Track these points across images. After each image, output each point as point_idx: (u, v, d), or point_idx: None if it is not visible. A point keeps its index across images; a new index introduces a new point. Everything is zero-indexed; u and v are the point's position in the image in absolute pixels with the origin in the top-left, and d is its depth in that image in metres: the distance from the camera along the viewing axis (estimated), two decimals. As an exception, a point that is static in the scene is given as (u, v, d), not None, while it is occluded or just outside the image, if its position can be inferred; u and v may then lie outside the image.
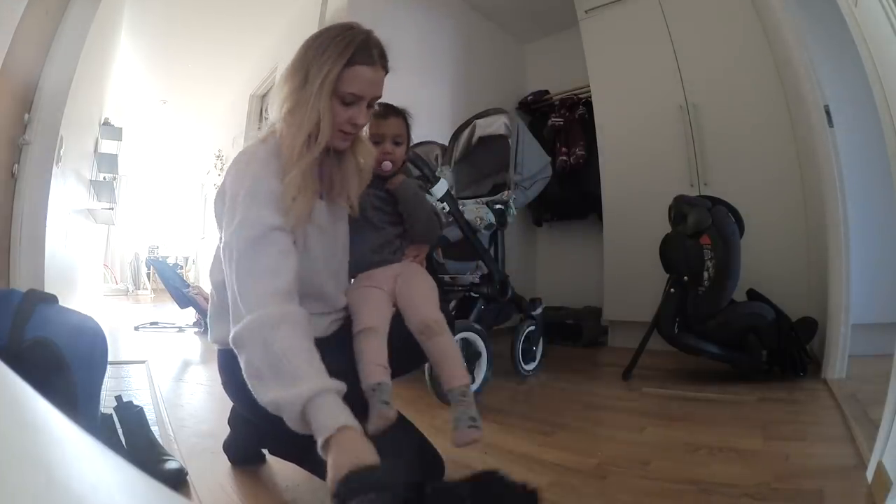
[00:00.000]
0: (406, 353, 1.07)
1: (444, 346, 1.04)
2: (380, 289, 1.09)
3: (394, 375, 1.15)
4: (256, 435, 1.11)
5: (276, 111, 1.00)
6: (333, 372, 0.80)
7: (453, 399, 1.01)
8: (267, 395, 0.77)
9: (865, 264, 1.90)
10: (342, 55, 0.93)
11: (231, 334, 0.82)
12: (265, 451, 1.18)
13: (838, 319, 1.82)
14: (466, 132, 2.31)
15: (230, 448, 1.19)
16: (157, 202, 7.57)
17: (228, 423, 1.21)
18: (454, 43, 3.26)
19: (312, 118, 0.93)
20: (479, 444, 1.04)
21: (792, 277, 2.20)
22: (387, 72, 0.99)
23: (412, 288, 1.10)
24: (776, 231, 2.26)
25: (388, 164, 1.15)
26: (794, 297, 2.08)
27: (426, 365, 1.45)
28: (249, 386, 0.80)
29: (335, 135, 0.97)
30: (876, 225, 2.00)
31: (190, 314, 3.59)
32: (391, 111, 1.18)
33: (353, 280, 1.15)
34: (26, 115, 2.06)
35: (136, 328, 3.52)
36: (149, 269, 6.79)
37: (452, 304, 2.00)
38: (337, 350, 0.97)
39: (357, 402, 0.86)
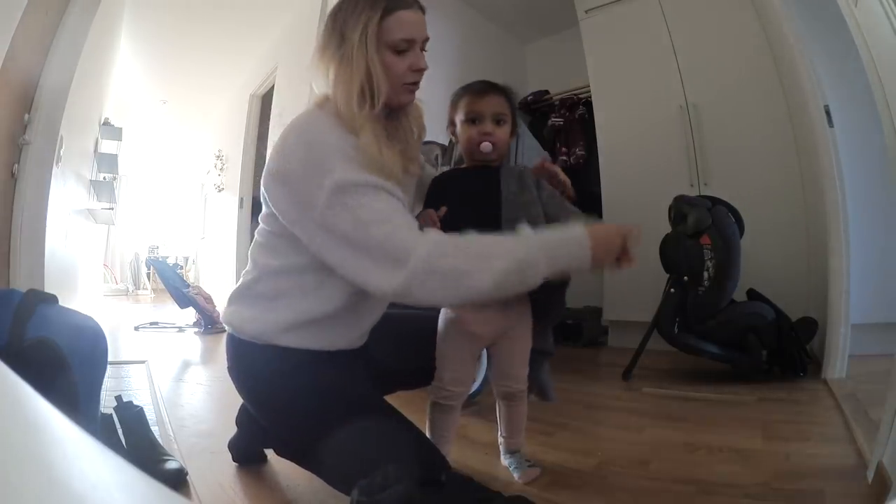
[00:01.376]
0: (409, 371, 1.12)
1: (519, 414, 1.13)
2: (471, 346, 1.06)
3: (395, 389, 1.17)
4: (262, 434, 1.11)
5: (321, 82, 0.94)
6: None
7: (509, 452, 1.13)
8: (494, 270, 0.79)
9: (865, 264, 1.90)
10: (376, 5, 0.89)
11: (401, 281, 0.79)
12: (268, 452, 1.18)
13: (838, 319, 1.82)
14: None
15: (234, 447, 1.19)
16: (157, 202, 7.56)
17: (236, 421, 1.21)
18: (453, 43, 3.26)
19: (360, 69, 0.88)
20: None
21: (792, 277, 2.19)
22: (424, 11, 0.94)
23: (514, 351, 1.08)
24: (776, 231, 2.26)
25: (487, 146, 0.99)
26: (794, 297, 2.07)
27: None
28: (474, 291, 0.80)
29: (399, 88, 0.92)
30: (876, 225, 2.00)
31: (190, 314, 3.59)
32: (490, 87, 1.03)
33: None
34: (26, 115, 2.06)
35: (136, 328, 3.51)
36: (149, 269, 6.79)
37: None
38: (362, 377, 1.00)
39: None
